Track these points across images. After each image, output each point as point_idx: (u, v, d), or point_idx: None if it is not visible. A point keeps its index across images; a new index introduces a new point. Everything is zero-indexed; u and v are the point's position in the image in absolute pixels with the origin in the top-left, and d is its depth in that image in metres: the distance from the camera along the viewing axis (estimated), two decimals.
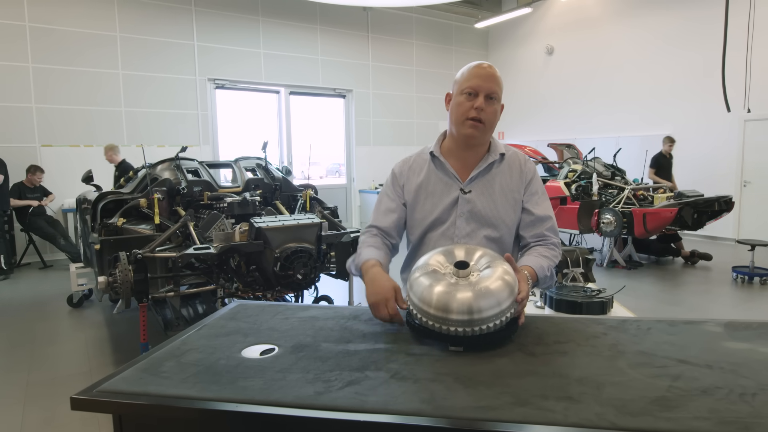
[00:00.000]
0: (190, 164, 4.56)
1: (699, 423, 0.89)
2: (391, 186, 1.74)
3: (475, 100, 1.55)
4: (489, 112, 1.57)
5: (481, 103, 1.54)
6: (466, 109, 1.57)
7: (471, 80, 1.56)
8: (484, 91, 1.55)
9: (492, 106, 1.57)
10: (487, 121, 1.57)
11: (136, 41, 8.01)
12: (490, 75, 1.56)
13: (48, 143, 7.43)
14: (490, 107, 1.57)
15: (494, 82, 1.56)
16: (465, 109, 1.57)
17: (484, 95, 1.55)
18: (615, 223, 6.09)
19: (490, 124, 1.59)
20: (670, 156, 7.81)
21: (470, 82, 1.56)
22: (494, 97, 1.56)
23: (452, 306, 1.20)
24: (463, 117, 1.58)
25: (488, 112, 1.57)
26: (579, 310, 3.02)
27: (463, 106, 1.57)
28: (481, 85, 1.55)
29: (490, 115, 1.58)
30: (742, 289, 5.54)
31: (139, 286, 3.24)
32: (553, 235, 1.64)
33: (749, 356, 1.19)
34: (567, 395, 1.00)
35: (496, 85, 1.57)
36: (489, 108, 1.56)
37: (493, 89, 1.56)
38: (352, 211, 10.69)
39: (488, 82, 1.55)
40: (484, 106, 1.55)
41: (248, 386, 1.07)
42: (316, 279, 3.63)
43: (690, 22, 8.57)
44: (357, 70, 10.39)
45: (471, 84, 1.56)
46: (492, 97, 1.56)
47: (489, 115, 1.57)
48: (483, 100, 1.55)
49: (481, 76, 1.56)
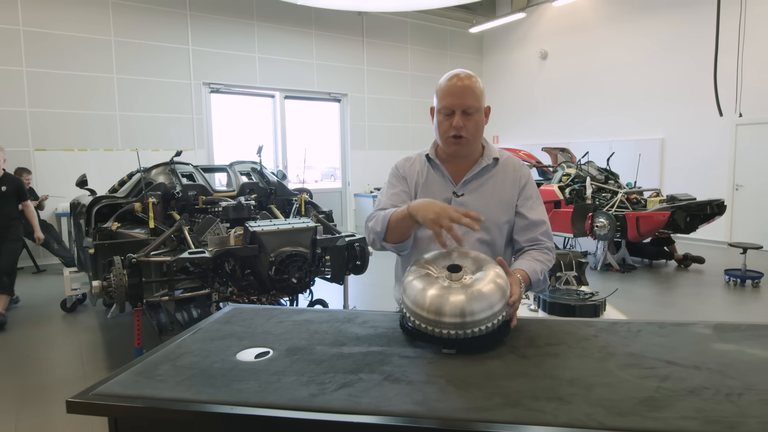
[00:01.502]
0: (184, 168, 4.56)
1: (686, 423, 0.90)
2: (395, 176, 1.74)
3: (453, 119, 1.56)
4: (469, 126, 1.57)
5: (458, 122, 1.55)
6: (446, 128, 1.58)
7: (445, 99, 1.56)
8: (459, 108, 1.55)
9: (471, 119, 1.57)
10: (468, 135, 1.58)
11: (130, 45, 8.01)
12: (463, 89, 1.54)
13: (42, 147, 7.41)
14: (469, 122, 1.57)
15: (469, 95, 1.55)
16: (444, 129, 1.59)
17: (460, 113, 1.55)
18: (608, 227, 6.13)
19: (474, 135, 1.60)
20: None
21: (445, 101, 1.56)
22: (471, 111, 1.56)
23: (445, 309, 1.22)
24: (444, 136, 1.60)
25: (469, 126, 1.57)
26: (572, 313, 3.04)
27: (443, 125, 1.59)
28: (455, 104, 1.55)
29: (471, 128, 1.58)
30: (734, 292, 5.59)
31: (134, 290, 3.24)
32: (547, 240, 1.65)
33: (736, 357, 1.21)
34: (557, 396, 1.02)
35: (471, 98, 1.55)
36: (468, 122, 1.56)
37: (468, 104, 1.54)
38: (347, 215, 10.70)
39: (462, 98, 1.54)
40: (463, 122, 1.55)
41: (243, 389, 1.08)
42: (311, 283, 3.64)
43: (682, 27, 8.65)
44: (352, 74, 10.42)
45: (445, 104, 1.56)
46: (469, 111, 1.56)
47: (470, 129, 1.58)
48: (460, 117, 1.55)
49: (455, 93, 1.55)
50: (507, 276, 1.33)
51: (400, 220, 1.48)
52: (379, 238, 1.57)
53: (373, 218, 1.61)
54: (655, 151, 9.05)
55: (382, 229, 1.54)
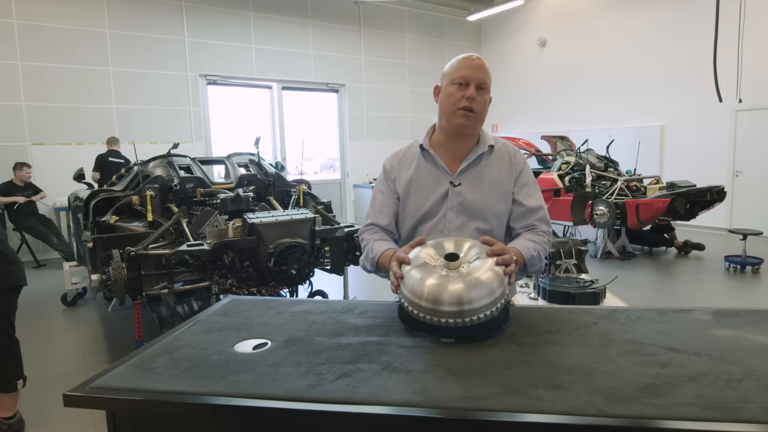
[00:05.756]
0: (182, 161, 4.54)
1: (686, 409, 0.90)
2: (383, 181, 1.74)
3: (466, 90, 1.56)
4: (480, 102, 1.58)
5: (472, 93, 1.55)
6: (457, 99, 1.57)
7: (461, 70, 1.57)
8: (474, 81, 1.56)
9: (482, 96, 1.58)
10: (478, 111, 1.58)
11: (126, 38, 7.95)
12: (479, 66, 1.58)
13: (39, 141, 7.37)
14: (480, 97, 1.58)
15: (484, 72, 1.58)
16: (456, 99, 1.57)
17: (474, 85, 1.56)
18: (608, 215, 6.12)
19: (481, 114, 1.60)
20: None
21: (461, 72, 1.57)
22: (484, 87, 1.58)
23: (443, 298, 1.21)
24: (454, 107, 1.58)
25: (479, 102, 1.58)
26: (572, 300, 3.05)
27: (454, 96, 1.58)
28: (471, 75, 1.56)
29: (481, 105, 1.59)
30: (735, 278, 5.59)
31: (133, 283, 3.24)
32: (542, 224, 1.64)
33: (736, 343, 1.20)
34: (556, 384, 1.01)
35: (485, 75, 1.58)
36: (480, 98, 1.58)
37: (483, 79, 1.57)
38: (346, 205, 10.69)
39: (478, 72, 1.56)
40: (476, 95, 1.56)
41: (241, 380, 1.07)
42: (310, 274, 3.63)
43: (682, 13, 8.58)
44: (349, 64, 10.35)
45: (462, 74, 1.56)
46: (482, 87, 1.57)
47: (480, 105, 1.58)
48: (474, 89, 1.56)
49: (471, 66, 1.57)
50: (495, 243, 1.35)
51: (388, 261, 1.52)
52: (372, 270, 1.64)
53: (365, 242, 1.67)
54: (655, 138, 9.02)
55: (372, 267, 1.62)
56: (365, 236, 1.70)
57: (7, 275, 2.52)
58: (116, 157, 6.99)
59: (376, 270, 1.61)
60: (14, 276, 2.57)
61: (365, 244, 1.67)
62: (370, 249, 1.62)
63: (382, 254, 1.56)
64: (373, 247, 1.61)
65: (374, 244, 1.62)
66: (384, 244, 1.61)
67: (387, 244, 1.61)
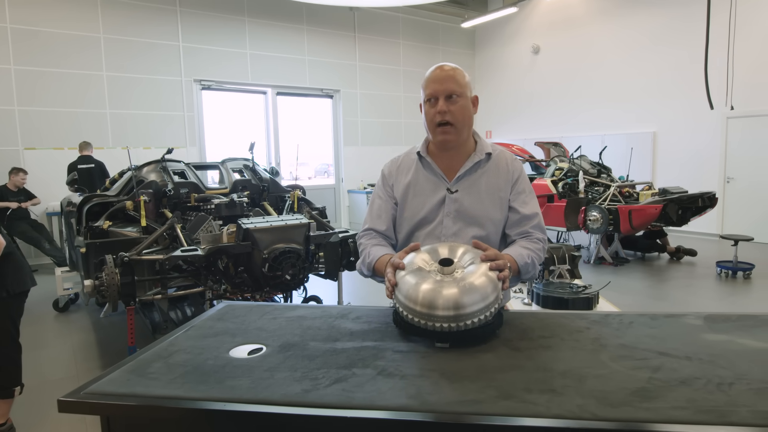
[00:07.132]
0: (176, 166, 4.53)
1: (677, 412, 0.91)
2: (382, 187, 1.75)
3: (437, 105, 1.57)
4: (455, 110, 1.57)
5: (442, 107, 1.55)
6: (432, 116, 1.59)
7: (428, 87, 1.59)
8: (441, 93, 1.56)
9: (456, 103, 1.57)
10: (456, 120, 1.57)
11: (120, 42, 7.94)
12: (445, 77, 1.57)
13: (31, 146, 7.34)
14: (454, 105, 1.56)
15: (451, 81, 1.56)
16: (431, 117, 1.59)
17: (443, 97, 1.56)
18: (601, 220, 6.16)
19: (461, 122, 1.59)
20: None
21: (428, 89, 1.59)
22: (456, 94, 1.56)
23: (438, 302, 1.22)
24: (432, 125, 1.60)
25: (454, 111, 1.57)
26: (565, 306, 3.06)
27: (429, 114, 1.60)
28: (437, 89, 1.56)
29: (458, 114, 1.57)
30: (726, 283, 5.63)
31: (126, 289, 3.22)
32: (537, 231, 1.65)
33: (727, 347, 1.22)
34: (550, 388, 1.02)
35: (453, 83, 1.56)
36: (453, 107, 1.56)
37: (450, 88, 1.56)
38: (341, 211, 10.69)
39: (444, 83, 1.56)
40: (446, 107, 1.56)
41: (236, 385, 1.07)
42: (304, 279, 3.63)
43: (674, 21, 8.68)
44: (344, 70, 10.38)
45: (429, 91, 1.58)
46: (452, 95, 1.56)
47: (456, 114, 1.57)
48: (443, 102, 1.56)
49: (437, 79, 1.57)
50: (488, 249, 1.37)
51: (384, 266, 1.52)
52: (368, 275, 1.66)
53: (362, 247, 1.69)
54: (647, 145, 9.09)
55: (368, 271, 1.63)
56: (363, 241, 1.71)
57: (15, 279, 2.54)
58: (86, 163, 6.80)
59: (373, 275, 1.62)
60: (21, 280, 2.59)
61: (363, 249, 1.68)
62: (367, 254, 1.63)
63: (379, 260, 1.57)
64: (370, 252, 1.62)
65: (371, 249, 1.63)
66: (381, 250, 1.62)
67: (384, 250, 1.62)
